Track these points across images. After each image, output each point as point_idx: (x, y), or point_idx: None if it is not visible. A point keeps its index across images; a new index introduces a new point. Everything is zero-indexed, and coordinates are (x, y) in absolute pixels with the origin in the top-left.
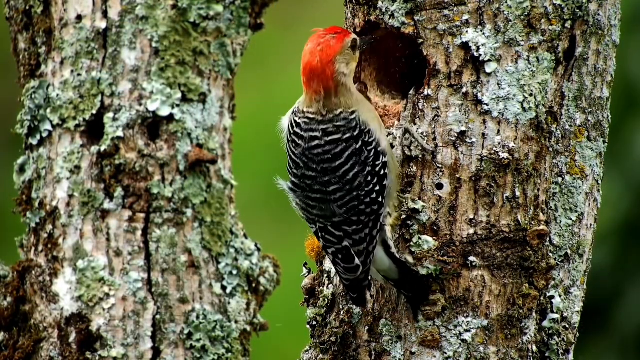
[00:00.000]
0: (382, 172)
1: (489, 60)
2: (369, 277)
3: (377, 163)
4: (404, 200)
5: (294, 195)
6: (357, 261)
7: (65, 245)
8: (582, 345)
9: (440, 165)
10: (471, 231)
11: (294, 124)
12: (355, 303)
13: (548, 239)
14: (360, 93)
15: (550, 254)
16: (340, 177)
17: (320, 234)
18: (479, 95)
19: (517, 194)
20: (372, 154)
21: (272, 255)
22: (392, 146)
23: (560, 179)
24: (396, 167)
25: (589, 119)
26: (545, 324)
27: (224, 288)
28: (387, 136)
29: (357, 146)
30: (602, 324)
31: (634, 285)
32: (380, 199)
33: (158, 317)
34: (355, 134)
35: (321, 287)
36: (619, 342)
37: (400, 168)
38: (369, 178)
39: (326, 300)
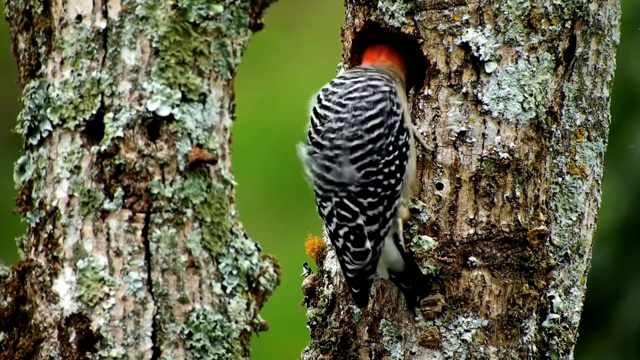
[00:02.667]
0: (404, 150)
1: (489, 60)
2: (375, 272)
3: (401, 137)
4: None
5: (312, 159)
6: (367, 244)
7: (65, 245)
8: (582, 345)
9: (440, 165)
10: (471, 231)
11: (336, 76)
12: (356, 300)
13: (548, 239)
14: None
15: (550, 254)
16: (367, 131)
17: (334, 212)
18: (479, 95)
19: (517, 194)
20: (397, 125)
21: (272, 255)
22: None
23: (560, 179)
24: (415, 160)
25: (589, 119)
26: (545, 324)
27: (224, 288)
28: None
29: (388, 109)
30: (602, 324)
31: (634, 285)
32: (398, 175)
33: (158, 317)
34: (389, 97)
35: (321, 287)
36: (619, 342)
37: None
38: (390, 148)
39: (326, 300)
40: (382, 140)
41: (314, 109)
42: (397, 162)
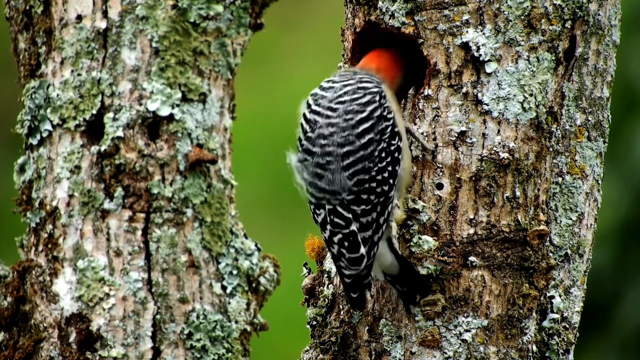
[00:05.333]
0: (396, 154)
1: (489, 60)
2: (371, 276)
3: (393, 142)
4: (404, 200)
5: (303, 167)
6: (362, 250)
7: (65, 245)
8: (582, 345)
9: (440, 165)
10: (471, 231)
11: (325, 79)
12: (353, 305)
13: (548, 239)
14: None
15: (550, 254)
16: (358, 136)
17: (328, 219)
18: (479, 95)
19: (517, 194)
20: (388, 130)
21: (272, 255)
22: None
23: (560, 179)
24: (409, 161)
25: (589, 119)
26: (546, 324)
27: (224, 288)
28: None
29: (378, 113)
30: (602, 324)
31: (634, 285)
32: (391, 181)
33: (158, 317)
34: (379, 101)
35: (321, 287)
36: (619, 342)
37: (413, 166)
38: (383, 154)
39: (326, 300)
40: (374, 145)
41: (304, 115)
42: (389, 168)
